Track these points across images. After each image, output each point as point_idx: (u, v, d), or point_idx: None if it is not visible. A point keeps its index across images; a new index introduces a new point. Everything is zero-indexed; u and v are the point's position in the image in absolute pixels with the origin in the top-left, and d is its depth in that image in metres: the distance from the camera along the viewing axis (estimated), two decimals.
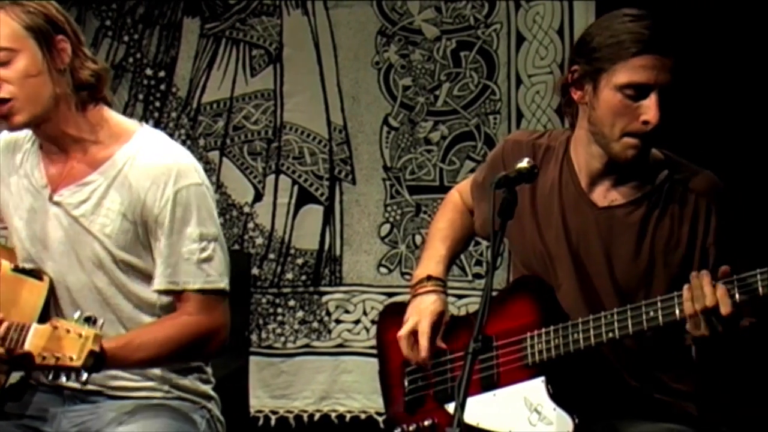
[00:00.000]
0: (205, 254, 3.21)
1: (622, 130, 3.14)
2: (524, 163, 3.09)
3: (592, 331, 3.14)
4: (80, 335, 3.02)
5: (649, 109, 3.10)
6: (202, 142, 5.27)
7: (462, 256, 4.90)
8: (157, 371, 3.28)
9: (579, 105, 3.23)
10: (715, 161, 3.35)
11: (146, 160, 3.22)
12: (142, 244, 3.24)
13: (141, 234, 3.23)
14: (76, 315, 3.07)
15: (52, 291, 3.27)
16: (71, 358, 3.01)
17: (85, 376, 3.03)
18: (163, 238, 3.20)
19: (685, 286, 3.03)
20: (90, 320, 3.05)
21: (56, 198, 3.26)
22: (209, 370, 3.39)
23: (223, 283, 3.24)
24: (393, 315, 3.48)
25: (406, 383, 3.41)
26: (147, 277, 3.25)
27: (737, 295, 2.97)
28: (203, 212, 3.23)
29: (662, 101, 3.10)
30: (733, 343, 3.06)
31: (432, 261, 3.44)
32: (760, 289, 2.95)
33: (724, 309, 2.96)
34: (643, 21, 3.13)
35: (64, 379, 3.05)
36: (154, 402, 3.27)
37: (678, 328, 3.08)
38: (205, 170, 5.14)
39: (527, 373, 3.20)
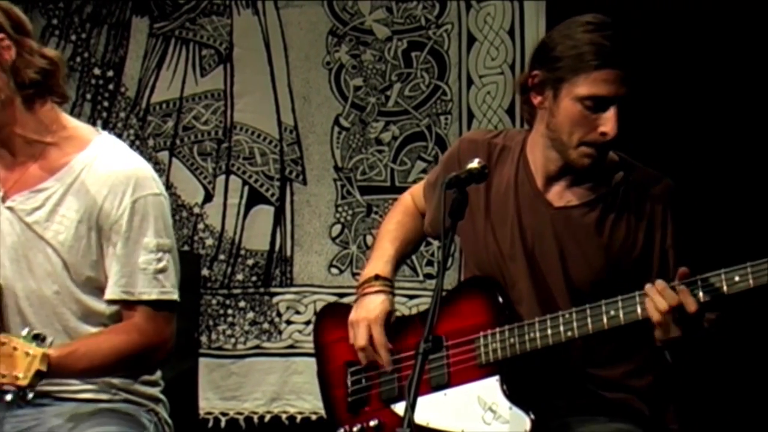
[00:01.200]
0: (160, 265, 3.19)
1: (580, 139, 3.16)
2: (475, 164, 3.10)
3: (550, 330, 3.14)
4: (27, 354, 2.98)
5: (608, 121, 3.13)
6: (151, 142, 5.24)
7: (413, 256, 4.89)
8: None
9: (538, 108, 3.24)
10: (667, 163, 3.37)
11: (105, 167, 3.18)
12: (95, 254, 3.19)
13: (95, 241, 3.19)
14: (25, 332, 3.03)
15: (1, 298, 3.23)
16: (17, 377, 2.98)
17: (30, 395, 3.00)
18: (118, 246, 3.17)
19: (647, 298, 3.04)
20: (38, 338, 3.01)
21: (9, 203, 3.20)
22: (158, 372, 3.35)
23: (175, 295, 3.22)
24: (330, 316, 3.49)
25: (349, 383, 3.40)
26: (97, 288, 3.21)
27: (701, 294, 2.99)
28: (160, 223, 3.20)
29: (620, 113, 3.13)
30: (702, 339, 3.08)
31: (380, 261, 3.43)
32: (725, 288, 2.97)
33: (690, 307, 2.98)
34: (604, 32, 3.14)
35: (8, 397, 3.00)
36: (101, 406, 3.24)
37: (637, 327, 3.09)
38: (155, 171, 5.22)
39: (480, 372, 3.19)
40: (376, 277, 3.39)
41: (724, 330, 3.14)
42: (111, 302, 3.19)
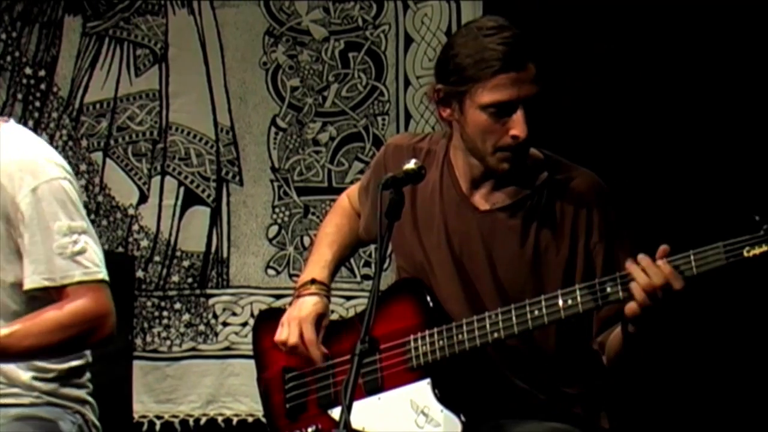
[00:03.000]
0: (77, 247, 3.16)
1: (494, 146, 3.16)
2: (411, 164, 3.11)
3: (477, 332, 3.15)
4: None
5: (517, 124, 3.12)
6: (84, 143, 5.19)
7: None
8: (25, 377, 3.21)
9: (448, 120, 3.25)
10: (595, 159, 3.38)
11: (6, 156, 3.16)
12: (8, 246, 3.16)
13: (5, 232, 3.16)
14: None
15: None
16: None
17: None
18: (26, 237, 3.14)
19: (632, 268, 3.01)
20: None
21: None
22: (86, 375, 3.33)
23: (102, 274, 3.18)
24: (269, 321, 3.46)
25: (286, 389, 3.39)
26: (16, 284, 3.18)
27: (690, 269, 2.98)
28: (69, 206, 3.17)
29: (528, 113, 3.13)
30: (664, 323, 3.08)
31: (317, 265, 3.42)
32: (695, 269, 2.98)
33: (677, 284, 2.97)
34: (499, 35, 3.13)
35: None
36: (21, 411, 3.20)
37: (566, 324, 3.10)
38: (88, 172, 5.19)
39: (412, 375, 3.20)
40: (313, 281, 3.38)
41: (657, 330, 3.16)
42: (34, 291, 3.15)
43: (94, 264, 3.17)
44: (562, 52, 4.81)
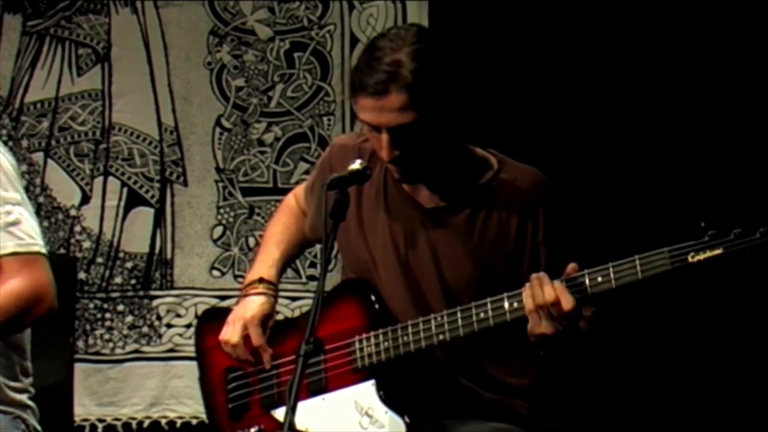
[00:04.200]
0: (11, 218, 3.13)
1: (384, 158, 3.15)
2: (356, 165, 3.12)
3: (422, 334, 3.14)
4: None
5: (381, 147, 3.11)
6: (25, 143, 5.14)
7: None
8: None
9: None
10: (542, 162, 3.38)
11: None
12: None
13: None
14: None
15: None
16: None
17: None
18: None
19: (526, 284, 3.04)
20: None
21: None
22: (28, 379, 3.29)
23: (38, 246, 3.14)
24: (212, 321, 3.44)
25: (229, 390, 3.37)
26: None
27: (589, 290, 3.00)
28: (2, 177, 3.13)
29: (395, 139, 3.08)
30: (576, 337, 3.09)
31: (265, 264, 3.41)
32: (613, 282, 2.99)
33: (566, 305, 2.98)
34: (373, 56, 3.08)
35: None
36: None
37: (512, 325, 3.10)
38: (29, 172, 5.13)
39: (356, 376, 3.19)
40: (261, 281, 3.37)
41: (602, 329, 3.17)
42: None
43: (28, 236, 3.13)
44: (509, 51, 4.83)
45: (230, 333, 3.32)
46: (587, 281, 3.01)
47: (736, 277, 4.11)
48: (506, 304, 3.08)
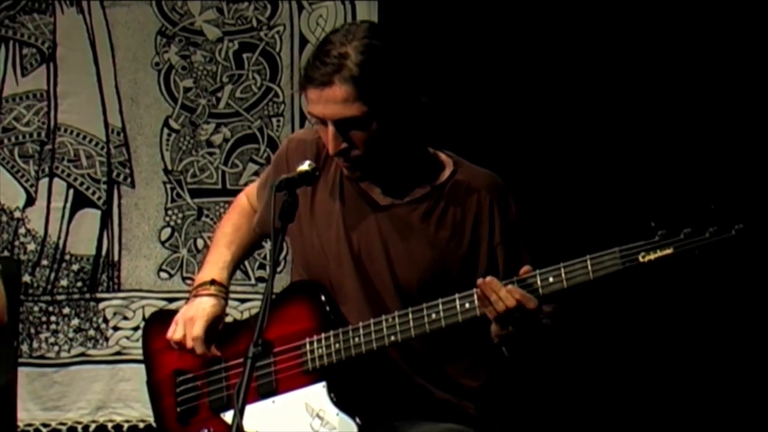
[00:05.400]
0: None
1: (332, 151, 3.15)
2: (305, 166, 3.11)
3: (374, 335, 3.14)
4: None
5: (328, 140, 3.12)
6: None
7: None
8: None
9: None
10: (495, 162, 3.38)
11: None
12: None
13: None
14: None
15: None
16: None
17: None
18: None
19: (476, 294, 3.03)
20: None
21: None
22: None
23: None
24: (159, 323, 3.42)
25: (177, 392, 3.35)
26: None
27: (540, 290, 3.01)
28: None
29: (341, 131, 3.09)
30: (541, 333, 3.10)
31: (216, 266, 3.39)
32: (565, 282, 2.99)
33: (530, 304, 2.98)
34: (321, 48, 3.10)
35: None
36: None
37: (465, 326, 3.10)
38: None
39: (307, 378, 3.18)
40: (212, 282, 3.35)
41: (568, 323, 3.17)
42: None
43: None
44: (457, 53, 4.83)
45: (177, 331, 3.30)
46: (539, 281, 3.02)
47: (690, 278, 4.12)
48: (458, 305, 3.07)
